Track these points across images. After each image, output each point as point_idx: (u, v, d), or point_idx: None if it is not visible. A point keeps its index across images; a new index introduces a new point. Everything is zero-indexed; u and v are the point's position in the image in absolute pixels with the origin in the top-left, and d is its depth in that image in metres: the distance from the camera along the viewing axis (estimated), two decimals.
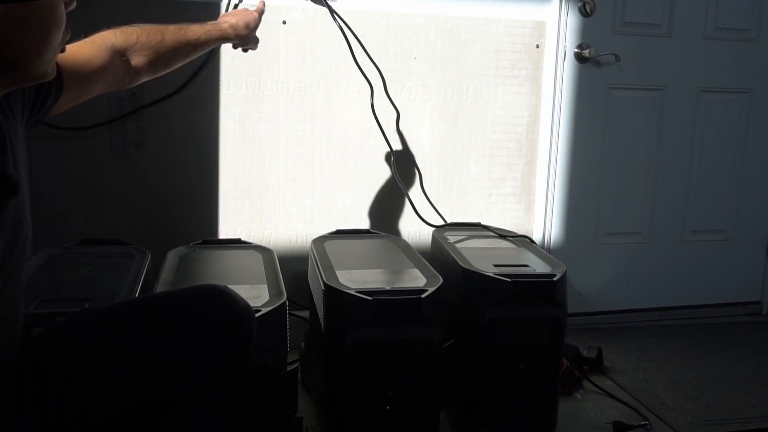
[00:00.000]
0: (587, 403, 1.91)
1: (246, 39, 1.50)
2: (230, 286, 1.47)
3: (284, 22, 2.04)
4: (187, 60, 1.36)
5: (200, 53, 1.39)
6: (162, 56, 1.26)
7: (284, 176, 2.13)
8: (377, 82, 2.10)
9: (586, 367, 2.04)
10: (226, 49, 2.00)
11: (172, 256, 1.71)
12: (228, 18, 1.47)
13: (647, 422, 1.79)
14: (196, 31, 1.35)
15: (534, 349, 1.64)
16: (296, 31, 2.06)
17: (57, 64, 1.01)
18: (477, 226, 2.11)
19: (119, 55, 1.18)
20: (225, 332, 1.04)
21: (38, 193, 1.94)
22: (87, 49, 1.13)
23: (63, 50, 0.86)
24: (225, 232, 2.11)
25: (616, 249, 2.48)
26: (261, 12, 1.54)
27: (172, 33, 1.29)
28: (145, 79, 1.27)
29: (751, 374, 2.12)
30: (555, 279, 1.62)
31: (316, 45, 2.08)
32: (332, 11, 2.02)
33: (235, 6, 1.98)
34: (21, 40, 0.77)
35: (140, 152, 2.01)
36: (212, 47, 1.42)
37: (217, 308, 1.05)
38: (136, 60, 1.21)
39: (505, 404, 1.65)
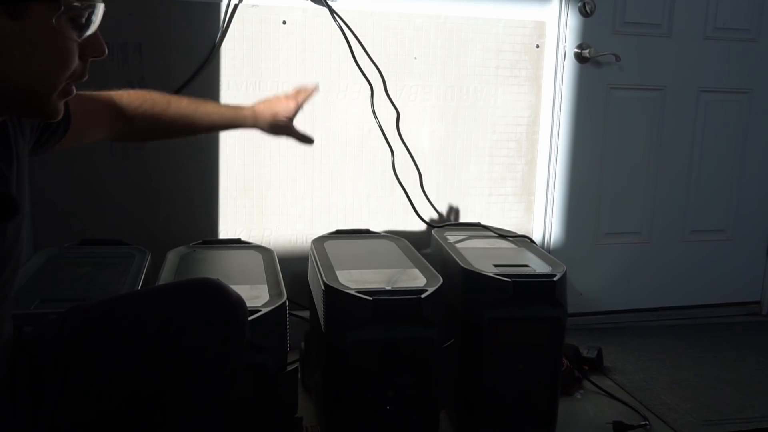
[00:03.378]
0: (587, 403, 1.91)
1: (272, 129, 1.41)
2: (230, 286, 1.48)
3: (284, 22, 2.04)
4: (196, 134, 1.34)
5: (212, 131, 1.35)
6: (160, 126, 1.25)
7: (284, 176, 2.13)
8: (377, 82, 2.10)
9: (586, 367, 2.04)
10: (225, 48, 2.01)
11: (172, 256, 1.71)
12: (258, 104, 1.40)
13: (647, 422, 1.79)
14: (209, 109, 1.31)
15: (534, 349, 1.64)
16: (296, 31, 2.06)
17: (68, 106, 1.01)
18: (477, 226, 2.11)
19: (119, 114, 1.19)
20: (219, 322, 1.04)
21: (38, 193, 1.94)
22: (95, 99, 1.14)
23: (70, 92, 0.84)
24: (225, 232, 2.11)
25: (616, 249, 2.48)
26: (298, 103, 1.42)
27: (180, 107, 1.26)
28: (140, 140, 1.27)
29: (751, 374, 2.12)
30: (555, 279, 1.62)
31: (316, 45, 2.08)
32: (332, 11, 2.02)
33: (235, 6, 1.98)
34: (22, 71, 0.77)
35: (140, 152, 2.01)
36: (229, 129, 1.36)
37: (211, 299, 1.05)
38: (134, 123, 1.21)
39: (505, 404, 1.65)
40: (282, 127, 1.42)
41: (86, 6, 0.78)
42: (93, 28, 0.81)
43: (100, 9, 0.80)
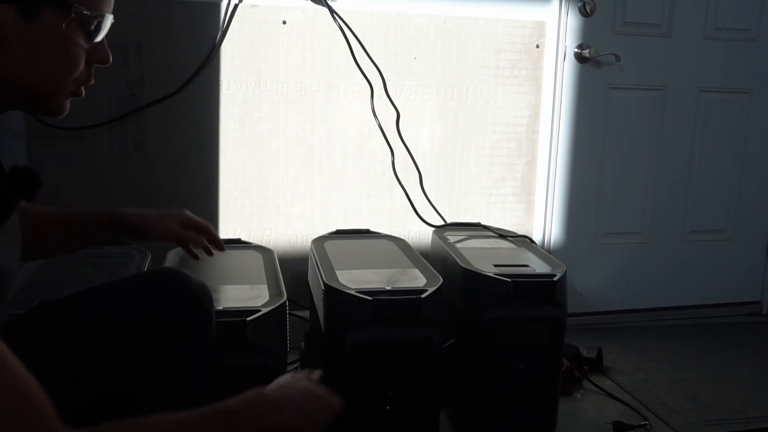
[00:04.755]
0: (587, 403, 1.91)
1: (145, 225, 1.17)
2: (230, 286, 1.48)
3: (284, 22, 2.04)
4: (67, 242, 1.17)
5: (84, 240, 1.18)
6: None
7: (284, 176, 2.13)
8: (377, 82, 2.10)
9: (586, 367, 2.04)
10: (226, 49, 2.01)
11: (172, 256, 1.71)
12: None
13: (647, 422, 1.79)
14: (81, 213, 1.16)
15: (534, 349, 1.64)
16: (296, 31, 2.06)
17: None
18: (477, 226, 2.11)
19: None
20: (184, 306, 1.05)
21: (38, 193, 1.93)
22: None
23: (79, 94, 0.88)
24: (225, 232, 2.11)
25: (616, 249, 2.48)
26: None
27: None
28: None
29: (751, 374, 2.12)
30: (555, 279, 1.62)
31: (316, 45, 2.08)
32: (332, 11, 2.02)
33: (235, 6, 1.98)
34: (30, 70, 0.80)
35: (140, 152, 2.01)
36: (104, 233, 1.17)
37: (173, 285, 1.06)
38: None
39: (505, 404, 1.65)
40: (156, 225, 1.19)
41: (96, 15, 0.83)
42: (101, 36, 0.85)
43: (109, 19, 0.85)
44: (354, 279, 1.55)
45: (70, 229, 1.14)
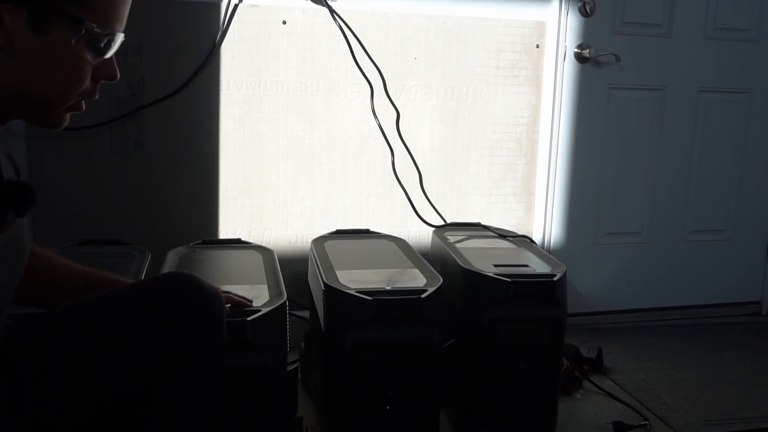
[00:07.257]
0: (587, 403, 1.90)
1: None
2: (230, 286, 1.48)
3: (284, 22, 2.04)
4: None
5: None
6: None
7: (284, 176, 2.13)
8: (377, 82, 2.10)
9: (586, 367, 2.04)
10: (226, 49, 2.01)
11: (172, 256, 1.71)
12: None
13: (647, 422, 1.79)
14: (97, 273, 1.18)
15: (534, 349, 1.64)
16: (296, 31, 2.06)
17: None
18: (477, 226, 2.11)
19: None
20: (195, 312, 1.04)
21: (38, 193, 1.93)
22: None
23: (79, 108, 0.88)
24: (225, 232, 2.11)
25: (616, 249, 2.48)
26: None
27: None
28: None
29: (751, 374, 2.12)
30: (555, 279, 1.62)
31: (316, 45, 2.08)
32: (332, 11, 2.02)
33: (235, 6, 1.98)
34: (35, 82, 0.80)
35: (140, 152, 2.01)
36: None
37: (185, 289, 1.06)
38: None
39: (505, 404, 1.65)
40: None
41: (106, 33, 0.83)
42: (110, 53, 0.85)
43: (119, 38, 0.86)
44: (354, 279, 1.55)
45: (81, 289, 1.14)
